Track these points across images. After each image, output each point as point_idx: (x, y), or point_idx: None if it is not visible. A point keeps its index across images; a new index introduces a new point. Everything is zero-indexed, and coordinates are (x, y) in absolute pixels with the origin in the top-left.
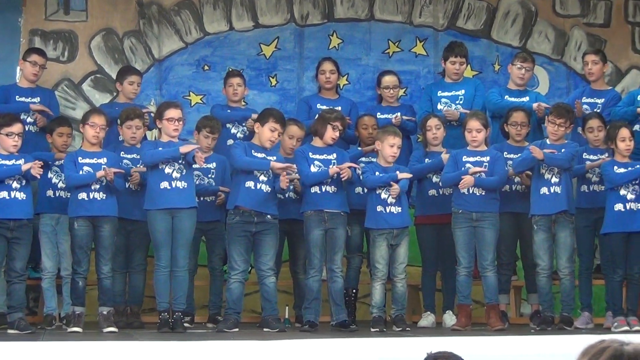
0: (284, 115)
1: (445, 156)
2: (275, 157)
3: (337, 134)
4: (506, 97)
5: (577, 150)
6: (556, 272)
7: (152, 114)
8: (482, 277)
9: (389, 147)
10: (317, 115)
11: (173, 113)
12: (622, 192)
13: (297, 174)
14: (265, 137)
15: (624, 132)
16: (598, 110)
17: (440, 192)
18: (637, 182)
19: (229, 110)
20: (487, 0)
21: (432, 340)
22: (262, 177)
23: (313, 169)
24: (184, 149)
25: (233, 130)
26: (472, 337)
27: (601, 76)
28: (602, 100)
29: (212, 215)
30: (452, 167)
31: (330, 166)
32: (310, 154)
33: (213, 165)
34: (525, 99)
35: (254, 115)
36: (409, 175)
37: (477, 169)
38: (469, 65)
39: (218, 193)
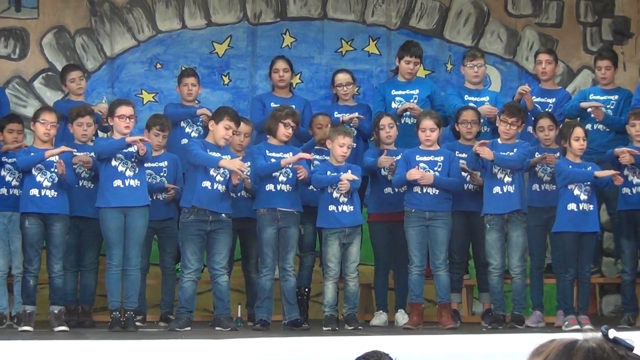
0: (238, 113)
1: (384, 159)
2: (229, 156)
3: (290, 131)
4: (465, 96)
5: (530, 149)
6: (508, 271)
7: (101, 113)
8: (434, 276)
9: (339, 146)
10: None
11: (124, 110)
12: (576, 192)
13: (248, 173)
14: (219, 135)
15: (578, 132)
16: (549, 110)
17: (396, 190)
18: (588, 183)
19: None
20: (439, 0)
21: (384, 339)
22: (218, 177)
23: None
24: (130, 138)
25: (187, 130)
26: (424, 335)
27: (553, 76)
28: (554, 99)
29: (165, 213)
30: (404, 167)
31: (285, 157)
32: (267, 151)
33: (165, 163)
34: (485, 99)
35: (201, 110)
36: (353, 177)
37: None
38: (421, 65)
39: (167, 188)
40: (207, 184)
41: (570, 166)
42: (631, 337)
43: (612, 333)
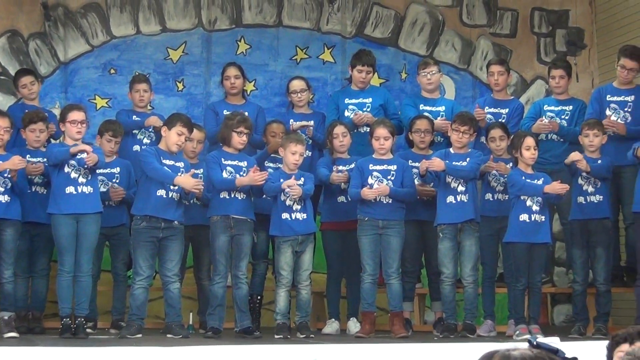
0: (191, 119)
1: (335, 177)
2: (183, 163)
3: (244, 138)
4: (421, 106)
5: (482, 159)
6: (460, 280)
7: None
8: (386, 284)
9: (291, 154)
10: None
11: (76, 115)
12: (529, 203)
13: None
14: (172, 141)
15: (529, 141)
16: (502, 121)
17: (348, 199)
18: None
19: (134, 117)
20: (395, 8)
21: (335, 347)
22: (172, 186)
23: (225, 174)
24: (74, 149)
25: (139, 136)
26: (375, 344)
27: (505, 86)
28: (507, 110)
29: (117, 220)
30: (358, 177)
31: (240, 165)
32: (222, 159)
33: (117, 169)
34: (441, 108)
35: (149, 121)
36: (294, 183)
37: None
38: (376, 74)
39: (114, 188)
40: (162, 192)
41: (523, 177)
42: (582, 347)
43: (537, 339)
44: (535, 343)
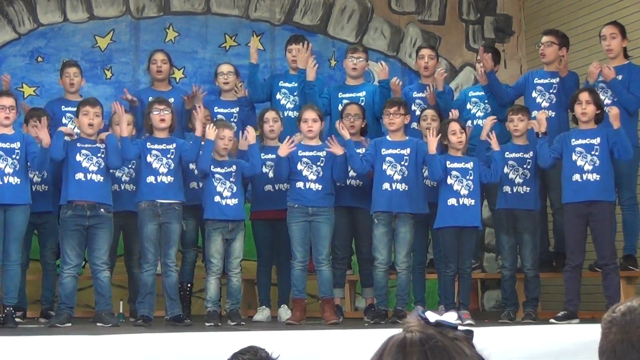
0: (97, 99)
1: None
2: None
3: (164, 115)
4: (340, 94)
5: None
6: (393, 266)
7: None
8: (317, 271)
9: (220, 139)
10: None
11: (4, 101)
12: (456, 186)
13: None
14: (82, 124)
15: (454, 126)
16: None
17: (276, 187)
18: (470, 178)
19: (63, 106)
20: None
21: (266, 334)
22: (92, 167)
23: (149, 158)
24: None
25: (70, 125)
26: (306, 331)
27: (434, 72)
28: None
29: (43, 206)
30: (287, 163)
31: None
32: (148, 144)
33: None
34: (362, 94)
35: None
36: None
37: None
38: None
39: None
40: (80, 175)
41: (448, 161)
42: (512, 331)
43: (432, 316)
44: (425, 317)
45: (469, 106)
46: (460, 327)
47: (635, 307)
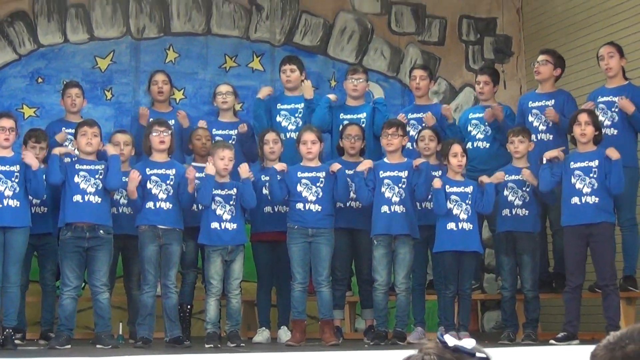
0: (95, 120)
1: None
2: (102, 165)
3: (163, 137)
4: (340, 114)
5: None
6: (392, 287)
7: None
8: (316, 292)
9: (220, 160)
10: None
11: (4, 122)
12: (455, 211)
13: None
14: (80, 145)
15: (456, 148)
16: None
17: (276, 209)
18: (469, 202)
19: (64, 128)
20: (323, 16)
21: (266, 355)
22: (90, 189)
23: (149, 184)
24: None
25: (70, 147)
26: (306, 352)
27: (427, 92)
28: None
29: (43, 227)
30: (284, 185)
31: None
32: (147, 169)
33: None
34: (362, 115)
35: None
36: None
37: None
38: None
39: None
40: (78, 197)
41: (447, 186)
42: (512, 353)
43: (450, 340)
44: (444, 340)
45: (469, 128)
46: (477, 354)
47: (624, 331)
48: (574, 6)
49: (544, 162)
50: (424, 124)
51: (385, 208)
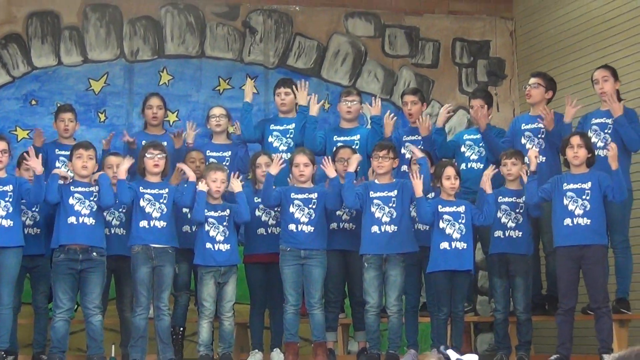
0: (91, 143)
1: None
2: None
3: (157, 160)
4: (334, 137)
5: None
6: (384, 309)
7: None
8: (309, 314)
9: (212, 182)
10: None
11: None
12: (448, 230)
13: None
14: (76, 167)
15: (449, 171)
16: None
17: (269, 231)
18: (462, 221)
19: (57, 150)
20: (317, 39)
21: None
22: (84, 211)
23: (142, 202)
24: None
25: (63, 169)
26: None
27: (419, 116)
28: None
29: (36, 249)
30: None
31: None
32: (140, 188)
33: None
34: (356, 137)
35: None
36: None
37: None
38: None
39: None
40: (72, 219)
41: (439, 206)
42: None
43: (453, 355)
44: (446, 355)
45: (463, 149)
46: None
47: (622, 354)
48: (566, 29)
49: (528, 174)
50: (419, 146)
51: (375, 228)
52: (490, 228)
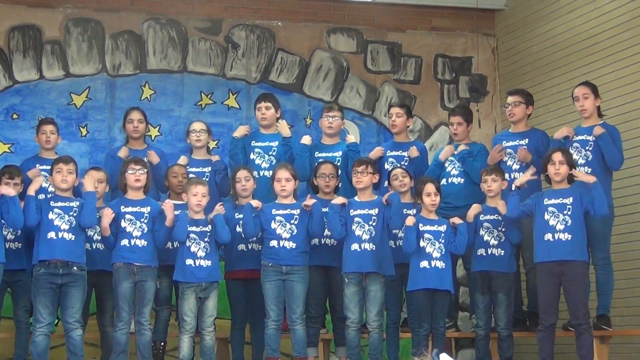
0: (71, 157)
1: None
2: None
3: (139, 175)
4: (316, 153)
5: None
6: (365, 325)
7: None
8: (290, 330)
9: (193, 196)
10: None
11: None
12: (428, 249)
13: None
14: (56, 182)
15: (430, 187)
16: (405, 164)
17: (249, 247)
18: (442, 241)
19: (37, 165)
20: (299, 54)
21: None
22: (64, 226)
23: (123, 223)
24: None
25: (44, 184)
26: None
27: (405, 129)
28: (407, 152)
29: (17, 263)
30: (258, 221)
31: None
32: (122, 207)
33: None
34: (338, 153)
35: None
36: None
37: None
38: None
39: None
40: (52, 234)
41: (420, 224)
42: None
43: (446, 359)
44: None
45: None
46: None
47: None
48: (549, 46)
49: (513, 188)
50: (405, 159)
51: (355, 246)
52: (472, 245)
